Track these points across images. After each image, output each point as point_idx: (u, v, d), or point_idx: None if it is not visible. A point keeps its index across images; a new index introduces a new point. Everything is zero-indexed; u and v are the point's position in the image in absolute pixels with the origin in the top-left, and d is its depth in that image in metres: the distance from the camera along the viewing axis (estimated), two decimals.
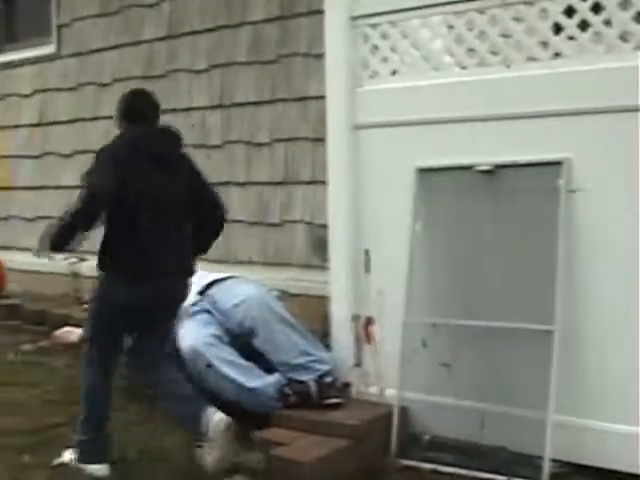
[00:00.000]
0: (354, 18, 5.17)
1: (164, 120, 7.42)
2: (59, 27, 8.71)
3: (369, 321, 5.15)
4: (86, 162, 8.16)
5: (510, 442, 4.54)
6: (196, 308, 5.45)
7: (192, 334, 5.27)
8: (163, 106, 7.47)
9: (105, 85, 8.22)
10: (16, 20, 9.75)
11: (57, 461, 4.76)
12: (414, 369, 4.90)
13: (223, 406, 5.05)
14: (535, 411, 4.37)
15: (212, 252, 7.05)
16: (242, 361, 5.14)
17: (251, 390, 5.02)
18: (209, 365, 5.11)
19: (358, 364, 5.19)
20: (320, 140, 5.98)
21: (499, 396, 4.61)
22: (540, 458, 4.30)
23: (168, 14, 7.56)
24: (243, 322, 5.28)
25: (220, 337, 5.26)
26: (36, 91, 9.01)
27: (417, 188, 4.86)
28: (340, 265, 5.21)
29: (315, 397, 4.95)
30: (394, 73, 5.13)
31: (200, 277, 5.75)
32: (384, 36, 5.11)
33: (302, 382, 5.02)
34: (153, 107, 4.99)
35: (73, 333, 5.65)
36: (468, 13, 4.78)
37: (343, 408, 4.97)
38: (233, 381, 5.05)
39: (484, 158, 4.66)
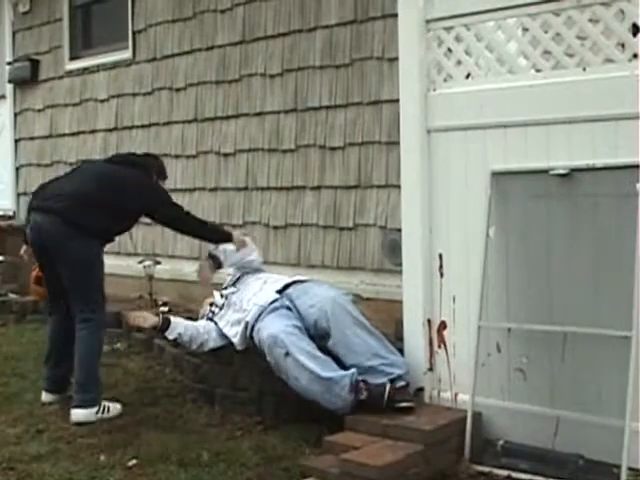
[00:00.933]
0: (428, 21, 5.15)
1: (238, 125, 7.57)
2: (135, 33, 8.80)
3: (442, 325, 5.11)
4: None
5: (586, 449, 4.48)
6: (276, 304, 5.48)
7: (273, 324, 5.30)
8: (236, 111, 7.63)
9: (179, 90, 8.29)
10: (93, 26, 9.89)
11: (132, 462, 4.81)
12: (488, 374, 4.87)
13: (299, 396, 5.09)
14: (612, 418, 4.31)
15: (286, 256, 7.15)
16: (319, 353, 5.14)
17: (325, 379, 5.00)
18: (287, 353, 5.11)
19: (431, 369, 5.17)
20: (394, 144, 5.97)
21: (574, 402, 4.55)
22: (617, 466, 4.23)
23: (242, 19, 7.61)
24: (318, 323, 5.29)
25: (300, 328, 5.27)
26: (112, 96, 9.12)
27: (491, 192, 4.82)
28: (413, 269, 5.19)
29: (387, 399, 4.93)
30: (468, 76, 5.09)
31: (278, 279, 5.80)
32: (458, 39, 5.08)
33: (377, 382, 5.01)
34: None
35: (148, 319, 5.75)
36: (543, 15, 4.72)
37: (415, 413, 4.94)
38: (309, 370, 5.04)
39: (560, 162, 4.60)
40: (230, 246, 6.04)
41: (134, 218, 6.05)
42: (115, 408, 5.66)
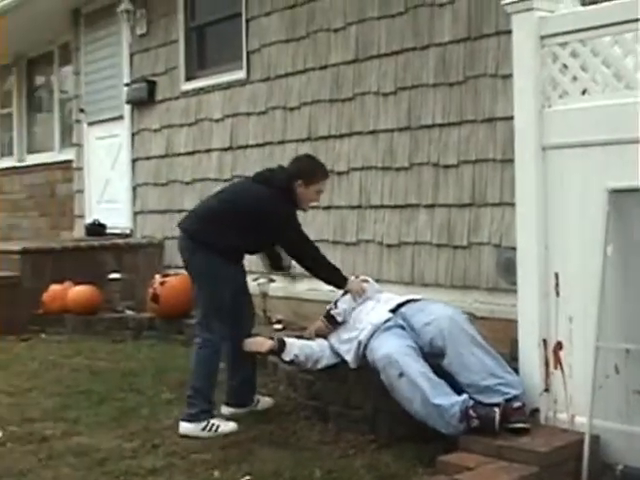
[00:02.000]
0: (543, 37, 5.08)
1: (351, 143, 7.59)
2: (249, 53, 8.91)
3: (558, 346, 5.03)
4: None
5: None
6: (390, 323, 5.47)
7: (387, 344, 5.29)
8: (350, 129, 7.65)
9: (293, 109, 8.36)
10: (207, 47, 10.05)
11: (246, 478, 4.84)
12: (606, 396, 4.76)
13: (410, 424, 5.06)
14: None
15: (399, 274, 7.13)
16: (433, 375, 5.10)
17: (435, 406, 4.97)
18: (401, 374, 5.09)
19: (547, 389, 5.08)
20: (508, 161, 5.91)
21: None
22: None
23: (355, 38, 7.64)
24: (433, 341, 5.25)
25: (415, 349, 5.25)
26: (226, 116, 9.24)
27: (609, 209, 4.73)
28: (529, 288, 5.12)
29: (498, 424, 4.86)
30: (584, 92, 5.01)
31: (390, 298, 5.78)
32: (574, 55, 5.01)
33: (488, 406, 4.94)
34: None
35: (264, 344, 5.81)
36: None
37: (531, 434, 4.86)
38: (421, 392, 5.01)
39: None
40: (348, 303, 5.90)
41: (263, 239, 5.97)
42: (227, 426, 5.71)
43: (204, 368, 5.78)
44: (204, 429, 5.64)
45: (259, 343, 5.88)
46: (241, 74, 9.02)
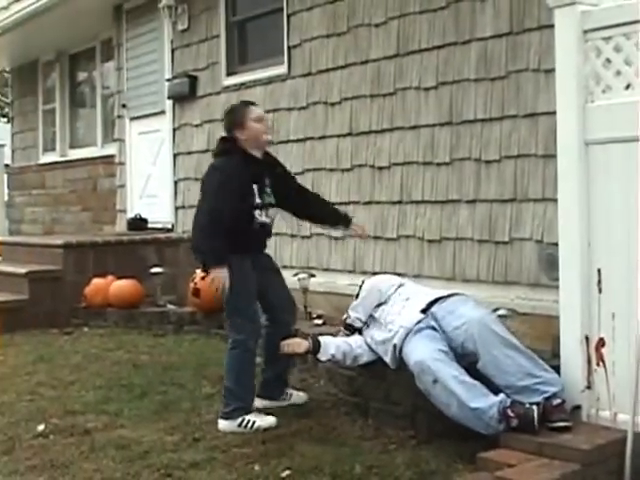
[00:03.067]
0: (586, 32, 5.04)
1: (392, 138, 7.58)
2: (290, 48, 8.92)
3: (601, 343, 4.99)
4: (317, 180, 8.43)
5: None
6: (421, 325, 5.45)
7: (419, 349, 5.28)
8: (391, 124, 7.64)
9: (334, 104, 8.36)
10: (249, 42, 10.07)
11: (286, 473, 4.85)
12: None
13: (450, 422, 5.05)
14: None
15: (440, 269, 7.12)
16: (467, 378, 5.08)
17: (473, 410, 4.95)
18: (435, 380, 5.08)
19: (589, 387, 5.04)
20: (550, 156, 5.88)
21: None
22: None
23: (396, 32, 7.62)
24: (464, 345, 5.22)
25: (447, 352, 5.23)
26: (267, 111, 9.20)
27: None
28: (571, 284, 5.08)
29: (538, 422, 4.83)
30: (628, 87, 4.96)
31: (419, 294, 5.75)
32: (617, 49, 4.96)
33: (525, 405, 4.92)
34: None
35: (301, 345, 5.81)
36: None
37: (572, 431, 4.83)
38: (457, 397, 5.00)
39: None
40: (361, 308, 5.91)
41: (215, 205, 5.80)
42: (265, 421, 5.71)
43: (233, 368, 5.81)
44: (240, 425, 5.66)
45: (295, 345, 5.87)
46: (282, 69, 9.03)
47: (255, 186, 5.92)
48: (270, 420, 5.74)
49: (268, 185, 6.05)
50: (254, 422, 5.68)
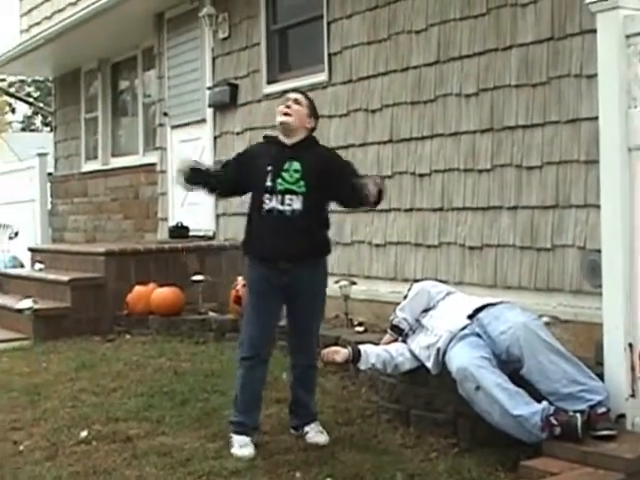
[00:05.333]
0: (628, 36, 5.00)
1: (433, 145, 7.56)
2: (330, 55, 8.93)
3: None
4: None
5: None
6: (466, 331, 5.43)
7: (462, 356, 5.26)
8: (431, 131, 7.62)
9: (374, 111, 8.35)
10: (289, 50, 10.10)
11: None
12: None
13: (492, 429, 5.02)
14: None
15: (482, 277, 7.08)
16: (510, 385, 5.05)
17: (515, 417, 4.92)
18: (478, 387, 5.06)
19: (633, 395, 4.99)
20: (593, 162, 5.84)
21: None
22: None
23: (437, 39, 7.61)
24: (510, 350, 5.19)
25: (490, 360, 5.20)
26: None
27: None
28: (614, 292, 5.03)
29: (581, 430, 4.79)
30: None
31: (468, 301, 5.74)
32: None
33: (569, 413, 4.87)
34: None
35: (341, 353, 5.77)
36: None
37: (616, 440, 4.78)
38: (499, 404, 4.97)
39: None
40: (408, 310, 5.87)
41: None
42: (240, 451, 5.37)
43: (236, 384, 5.69)
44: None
45: (333, 352, 5.82)
46: (323, 76, 9.04)
47: (270, 168, 5.55)
48: (245, 452, 5.35)
49: (293, 171, 5.53)
50: (232, 446, 5.44)
